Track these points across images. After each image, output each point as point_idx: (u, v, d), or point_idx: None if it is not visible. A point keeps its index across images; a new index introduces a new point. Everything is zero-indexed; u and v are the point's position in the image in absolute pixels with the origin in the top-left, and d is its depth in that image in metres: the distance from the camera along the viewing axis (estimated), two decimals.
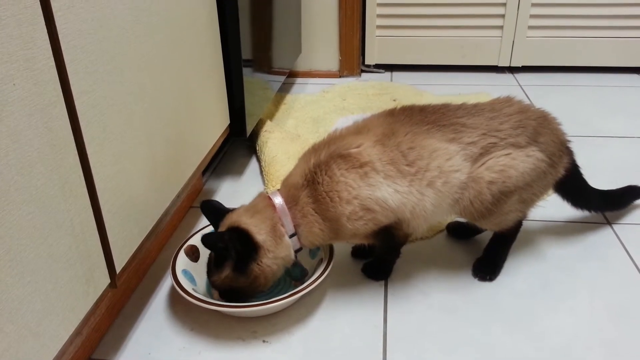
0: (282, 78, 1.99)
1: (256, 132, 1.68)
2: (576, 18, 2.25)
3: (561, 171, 1.08)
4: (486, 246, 1.15)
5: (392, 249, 1.09)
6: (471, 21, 2.30)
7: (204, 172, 1.54)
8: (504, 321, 1.00)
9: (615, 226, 1.27)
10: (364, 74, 2.43)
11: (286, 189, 1.00)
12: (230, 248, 0.94)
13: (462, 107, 1.05)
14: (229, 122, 1.42)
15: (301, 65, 2.41)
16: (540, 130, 1.02)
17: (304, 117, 1.92)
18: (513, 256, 1.16)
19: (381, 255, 1.12)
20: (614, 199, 1.27)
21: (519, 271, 1.13)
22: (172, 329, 1.01)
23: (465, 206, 1.01)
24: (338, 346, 0.96)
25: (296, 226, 0.97)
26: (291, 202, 0.98)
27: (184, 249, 1.08)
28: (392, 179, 0.96)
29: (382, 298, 1.07)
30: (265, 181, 1.48)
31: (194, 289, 1.01)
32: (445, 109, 1.04)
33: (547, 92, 2.17)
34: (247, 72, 1.43)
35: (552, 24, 2.27)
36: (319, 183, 0.96)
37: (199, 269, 1.06)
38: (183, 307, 1.05)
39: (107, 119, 0.81)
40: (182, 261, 1.05)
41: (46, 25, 0.65)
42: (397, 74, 2.41)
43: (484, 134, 1.00)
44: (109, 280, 0.85)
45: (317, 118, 1.90)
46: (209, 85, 1.25)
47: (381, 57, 2.42)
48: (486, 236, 1.16)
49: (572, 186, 1.15)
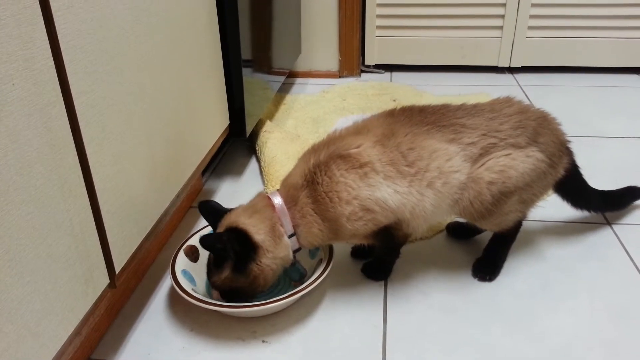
0: (281, 78, 1.99)
1: (256, 133, 1.68)
2: (576, 18, 2.25)
3: (561, 171, 1.08)
4: (486, 246, 1.15)
5: (392, 249, 1.09)
6: (471, 21, 2.30)
7: (203, 172, 1.54)
8: (503, 321, 1.00)
9: (615, 226, 1.26)
10: (363, 74, 2.43)
11: (285, 189, 1.00)
12: (229, 249, 0.94)
13: (461, 108, 1.05)
14: (228, 122, 1.42)
15: (301, 65, 2.41)
16: (540, 130, 1.02)
17: (303, 117, 1.92)
18: (513, 256, 1.16)
19: (381, 256, 1.12)
20: (613, 199, 1.27)
21: (518, 271, 1.13)
22: (171, 329, 1.01)
23: (465, 207, 1.01)
24: (337, 346, 0.96)
25: (295, 226, 0.97)
26: (290, 202, 0.98)
27: (184, 249, 1.08)
28: (392, 179, 0.96)
29: (382, 298, 1.07)
30: (265, 181, 1.48)
31: (193, 289, 1.01)
32: (445, 109, 1.04)
33: (547, 92, 2.17)
34: (246, 72, 1.43)
35: (552, 24, 2.27)
36: (318, 183, 0.96)
37: (198, 269, 1.06)
38: (182, 308, 1.05)
39: (106, 119, 0.81)
40: (182, 261, 1.05)
41: (45, 25, 0.65)
42: (396, 74, 2.41)
43: (483, 134, 1.00)
44: (108, 281, 0.85)
45: (316, 118, 1.90)
46: (208, 86, 1.25)
47: (381, 57, 2.42)
48: (486, 236, 1.16)
49: (572, 186, 1.15)
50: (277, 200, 0.98)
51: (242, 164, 1.63)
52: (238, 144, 1.74)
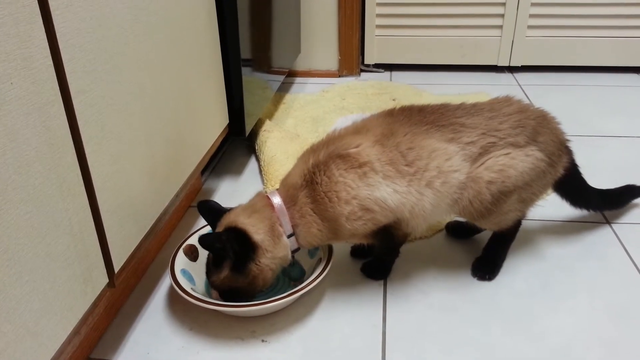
0: (281, 77, 1.99)
1: (255, 132, 1.68)
2: (576, 18, 2.25)
3: (560, 170, 1.08)
4: (485, 245, 1.15)
5: (391, 248, 1.09)
6: (471, 21, 2.30)
7: (203, 172, 1.54)
8: (503, 320, 1.00)
9: (614, 225, 1.26)
10: (363, 74, 2.43)
11: (285, 188, 1.00)
12: (228, 248, 0.94)
13: (461, 107, 1.05)
14: (228, 121, 1.42)
15: (300, 64, 2.40)
16: (539, 129, 1.02)
17: (303, 116, 1.92)
18: (512, 255, 1.16)
19: (380, 255, 1.12)
20: (612, 198, 1.27)
21: (518, 270, 1.13)
22: (170, 328, 1.01)
23: (465, 206, 1.01)
24: (337, 346, 0.96)
25: (294, 226, 0.97)
26: (290, 202, 0.98)
27: (183, 249, 1.08)
28: (391, 179, 0.96)
29: (381, 297, 1.07)
30: (264, 181, 1.48)
31: (192, 288, 1.01)
32: (444, 109, 1.04)
33: (546, 91, 2.17)
34: (246, 71, 1.42)
35: (552, 23, 2.27)
36: (317, 183, 0.96)
37: (197, 269, 1.06)
38: (182, 307, 1.05)
39: (105, 118, 0.81)
40: (181, 261, 1.05)
41: (44, 23, 0.65)
42: (396, 74, 2.41)
43: (483, 133, 0.99)
44: (107, 280, 0.85)
45: (316, 117, 1.90)
46: (208, 85, 1.25)
47: (380, 56, 2.42)
48: (485, 235, 1.16)
49: (572, 185, 1.15)
50: (277, 200, 0.98)
51: (242, 163, 1.63)
52: (237, 143, 1.74)
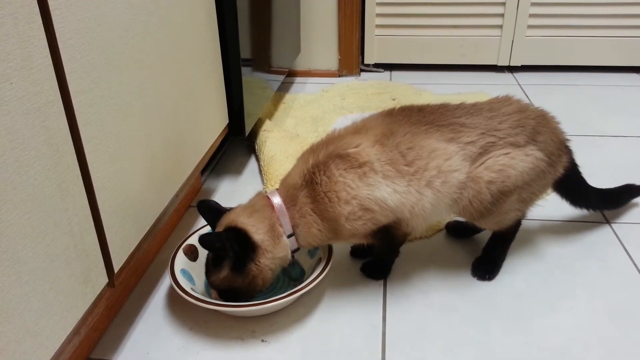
0: (281, 77, 1.99)
1: (255, 132, 1.68)
2: (576, 17, 2.25)
3: (560, 170, 1.08)
4: (485, 245, 1.15)
5: (391, 248, 1.09)
6: (470, 20, 2.30)
7: (202, 172, 1.54)
8: (503, 320, 1.00)
9: (614, 225, 1.26)
10: (363, 73, 2.43)
11: (285, 188, 1.00)
12: (228, 248, 0.94)
13: (460, 107, 1.05)
14: (227, 121, 1.42)
15: (300, 64, 2.40)
16: (539, 129, 1.02)
17: (303, 116, 1.91)
18: (512, 255, 1.16)
19: (380, 255, 1.12)
20: (611, 197, 1.27)
21: (518, 270, 1.13)
22: (170, 328, 1.01)
23: (465, 206, 1.01)
24: (337, 346, 0.96)
25: (294, 226, 0.97)
26: (290, 202, 0.97)
27: (183, 249, 1.08)
28: (391, 178, 0.96)
29: (381, 297, 1.07)
30: (264, 180, 1.48)
31: (192, 288, 1.01)
32: (443, 108, 1.04)
33: (546, 91, 2.17)
34: (246, 71, 1.42)
35: (552, 23, 2.27)
36: (317, 183, 0.96)
37: (197, 269, 1.06)
38: (181, 307, 1.04)
39: (105, 118, 0.80)
40: (181, 260, 1.05)
41: (43, 23, 0.65)
42: (396, 73, 2.41)
43: (482, 133, 0.99)
44: (107, 280, 0.85)
45: (316, 117, 1.90)
46: (208, 85, 1.25)
47: (380, 56, 2.42)
48: (485, 235, 1.16)
49: (571, 185, 1.15)
50: (276, 200, 0.98)
51: (241, 163, 1.63)
52: (237, 143, 1.73)
